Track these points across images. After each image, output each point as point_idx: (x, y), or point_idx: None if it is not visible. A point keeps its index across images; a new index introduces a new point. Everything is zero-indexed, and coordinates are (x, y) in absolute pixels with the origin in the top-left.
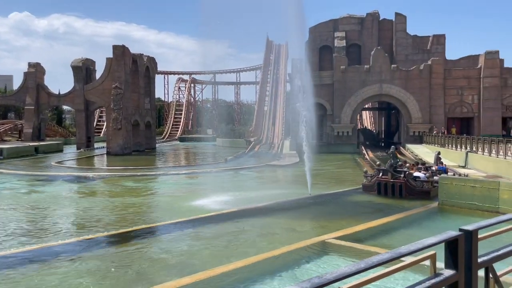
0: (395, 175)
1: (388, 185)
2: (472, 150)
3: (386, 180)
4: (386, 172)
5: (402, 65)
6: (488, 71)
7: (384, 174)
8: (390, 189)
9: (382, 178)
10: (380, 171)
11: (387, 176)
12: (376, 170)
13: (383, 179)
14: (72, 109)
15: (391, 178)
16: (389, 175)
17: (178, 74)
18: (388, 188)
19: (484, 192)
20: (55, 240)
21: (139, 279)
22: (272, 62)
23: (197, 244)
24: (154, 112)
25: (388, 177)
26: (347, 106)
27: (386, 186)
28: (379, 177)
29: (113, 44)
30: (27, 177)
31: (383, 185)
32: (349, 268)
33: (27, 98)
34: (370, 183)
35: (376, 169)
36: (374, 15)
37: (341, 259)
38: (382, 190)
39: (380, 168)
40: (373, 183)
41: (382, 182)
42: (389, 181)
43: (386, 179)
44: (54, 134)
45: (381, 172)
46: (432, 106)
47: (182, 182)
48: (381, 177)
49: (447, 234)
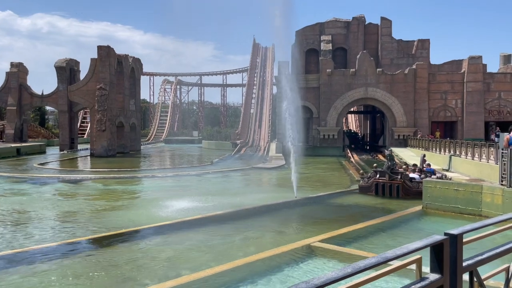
0: (392, 177)
1: (385, 186)
2: (456, 153)
3: (384, 181)
4: (384, 173)
5: (387, 69)
6: (471, 76)
7: (381, 175)
8: (387, 189)
9: (380, 179)
10: (377, 172)
11: (385, 178)
12: (373, 172)
13: (380, 180)
14: (55, 110)
15: (388, 179)
16: (387, 177)
17: (164, 76)
18: (386, 188)
19: (467, 195)
20: (35, 244)
21: (123, 283)
22: (258, 65)
23: (182, 247)
24: (139, 114)
25: (386, 178)
26: (333, 109)
27: (384, 187)
28: (377, 178)
29: (98, 45)
30: (8, 179)
31: (380, 186)
32: (336, 273)
33: (9, 98)
34: (367, 184)
35: (373, 171)
36: (360, 19)
37: (326, 262)
38: (379, 190)
39: (377, 169)
40: (371, 184)
41: (379, 183)
42: (387, 182)
43: (383, 180)
44: (36, 135)
45: (378, 174)
46: (417, 110)
47: (166, 184)
48: (379, 178)
49: (432, 238)
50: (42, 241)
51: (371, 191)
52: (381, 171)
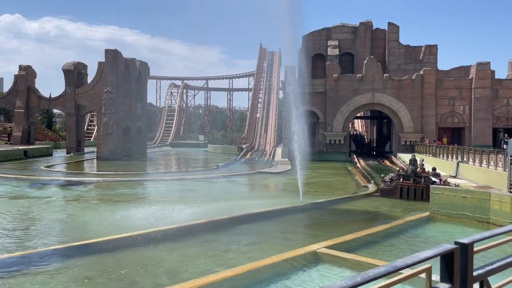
0: (416, 180)
1: (410, 189)
2: (463, 160)
3: (409, 185)
4: (408, 177)
5: (394, 74)
6: (479, 82)
7: (405, 179)
8: (412, 192)
9: (404, 182)
10: (401, 176)
11: (409, 181)
12: (396, 175)
13: (405, 184)
14: (62, 113)
15: (413, 183)
16: (411, 180)
17: (171, 80)
18: (410, 192)
19: (475, 202)
20: (40, 247)
21: (128, 286)
22: (265, 69)
23: (188, 252)
24: (145, 117)
25: (410, 182)
26: (340, 114)
27: (408, 190)
28: (401, 182)
29: (106, 48)
30: (15, 181)
31: (405, 189)
32: (345, 282)
33: (17, 101)
34: (390, 187)
35: (397, 175)
36: (367, 25)
37: (332, 269)
38: (404, 193)
39: (401, 173)
40: (394, 187)
41: (404, 186)
42: (412, 185)
43: (408, 184)
44: (44, 138)
45: (402, 177)
46: (424, 116)
47: (172, 188)
48: (403, 182)
49: (443, 247)
50: (45, 244)
51: (394, 194)
52: (404, 175)
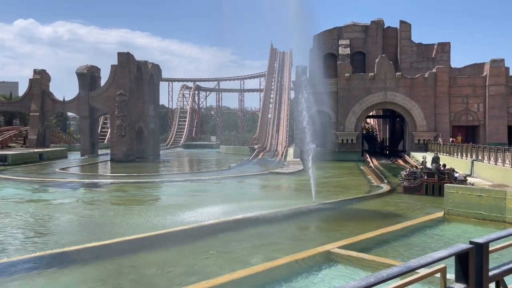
0: (441, 177)
1: (435, 186)
2: (478, 158)
3: (434, 181)
4: (432, 174)
5: (406, 73)
6: (494, 79)
7: (429, 176)
8: (437, 189)
9: (429, 179)
10: (425, 174)
11: (434, 178)
12: (420, 173)
13: (430, 181)
14: (76, 116)
15: (438, 180)
16: (436, 177)
17: (182, 81)
18: (435, 188)
19: (490, 201)
20: (56, 248)
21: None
22: (276, 70)
23: (200, 253)
24: (158, 119)
25: (435, 178)
26: (352, 113)
27: (434, 186)
28: (425, 179)
29: (118, 52)
30: (31, 184)
31: (430, 185)
32: (358, 283)
33: (32, 104)
34: (415, 185)
35: (421, 172)
36: (379, 23)
37: (345, 269)
38: (429, 190)
39: (425, 171)
40: (419, 184)
41: (429, 183)
42: (436, 182)
43: (433, 181)
44: (58, 141)
45: (426, 175)
46: (437, 114)
47: (185, 189)
48: (427, 179)
49: (457, 247)
50: (61, 245)
51: (419, 191)
52: (428, 172)
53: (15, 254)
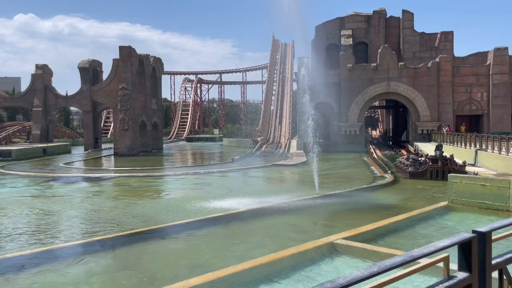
0: (444, 163)
1: (439, 171)
2: (482, 148)
3: (438, 167)
4: (436, 161)
5: (409, 62)
6: (497, 68)
7: (434, 162)
8: (441, 173)
9: (434, 165)
10: (430, 160)
11: (437, 164)
12: (425, 159)
13: (434, 166)
14: (79, 110)
15: (441, 166)
16: (439, 163)
17: (185, 74)
18: (439, 173)
19: (494, 190)
20: (62, 242)
21: (148, 280)
22: (278, 61)
23: (205, 244)
24: (160, 113)
25: (439, 164)
26: (354, 104)
27: (438, 171)
28: (431, 165)
29: (120, 45)
30: (35, 179)
31: (435, 171)
32: (361, 272)
33: (35, 99)
34: (420, 170)
35: (425, 159)
36: (381, 13)
37: (350, 260)
38: (434, 175)
39: (430, 157)
40: (424, 170)
41: (434, 169)
42: (440, 167)
43: (437, 166)
44: (62, 136)
45: (431, 161)
46: (441, 104)
47: (189, 182)
48: (432, 165)
49: (460, 236)
50: (68, 239)
51: (424, 176)
52: (433, 158)
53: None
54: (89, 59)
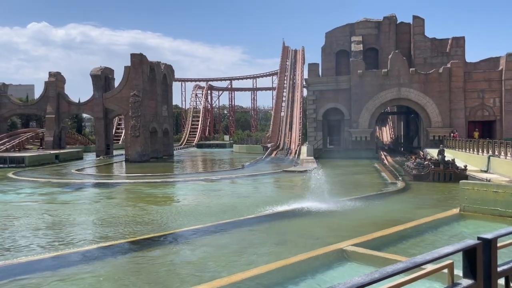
0: (446, 166)
1: (441, 174)
2: (495, 154)
3: (440, 170)
4: (438, 164)
5: (420, 68)
6: (510, 73)
7: (436, 166)
8: (442, 176)
9: (436, 169)
10: (433, 164)
11: (439, 167)
12: (428, 163)
13: (436, 170)
14: (91, 117)
15: (443, 169)
16: (441, 167)
17: (195, 81)
18: (441, 176)
19: (507, 197)
20: (74, 248)
21: (158, 286)
22: (288, 68)
23: (214, 250)
24: (171, 119)
25: (441, 168)
26: (365, 110)
27: (439, 174)
28: (433, 168)
29: (131, 53)
30: (48, 185)
31: (437, 174)
32: (362, 278)
33: (48, 107)
34: (423, 173)
35: (428, 163)
36: (391, 19)
37: (359, 267)
38: (436, 178)
39: (432, 161)
40: (427, 173)
41: (436, 172)
42: (442, 171)
43: (439, 170)
44: (74, 142)
45: (433, 165)
46: (452, 110)
47: (199, 188)
48: (435, 168)
49: (465, 243)
50: (80, 244)
51: (427, 178)
52: (435, 162)
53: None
54: (101, 67)
